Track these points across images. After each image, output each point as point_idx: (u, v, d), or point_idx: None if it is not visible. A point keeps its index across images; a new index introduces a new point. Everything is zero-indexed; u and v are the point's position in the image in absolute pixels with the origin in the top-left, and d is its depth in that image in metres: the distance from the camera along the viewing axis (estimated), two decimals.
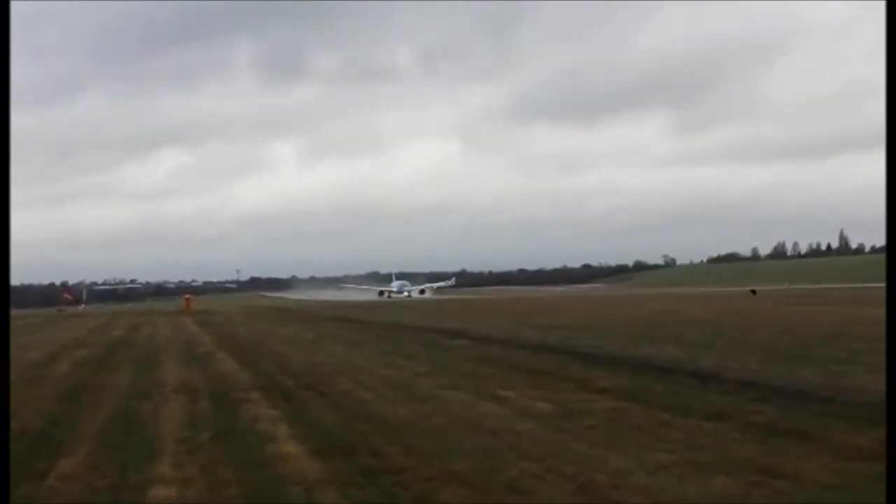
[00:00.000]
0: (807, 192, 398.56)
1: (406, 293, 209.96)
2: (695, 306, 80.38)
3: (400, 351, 41.14)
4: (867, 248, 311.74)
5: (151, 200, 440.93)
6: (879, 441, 16.29)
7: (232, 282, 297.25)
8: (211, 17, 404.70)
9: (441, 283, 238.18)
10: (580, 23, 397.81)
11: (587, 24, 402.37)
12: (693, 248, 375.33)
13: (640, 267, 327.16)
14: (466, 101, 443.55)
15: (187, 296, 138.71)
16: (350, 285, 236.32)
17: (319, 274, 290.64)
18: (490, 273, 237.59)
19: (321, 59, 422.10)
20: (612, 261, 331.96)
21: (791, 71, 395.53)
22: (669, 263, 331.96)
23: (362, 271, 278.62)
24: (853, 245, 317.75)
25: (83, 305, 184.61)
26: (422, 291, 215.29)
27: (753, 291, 47.32)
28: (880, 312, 58.80)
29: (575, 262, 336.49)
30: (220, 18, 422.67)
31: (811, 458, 15.13)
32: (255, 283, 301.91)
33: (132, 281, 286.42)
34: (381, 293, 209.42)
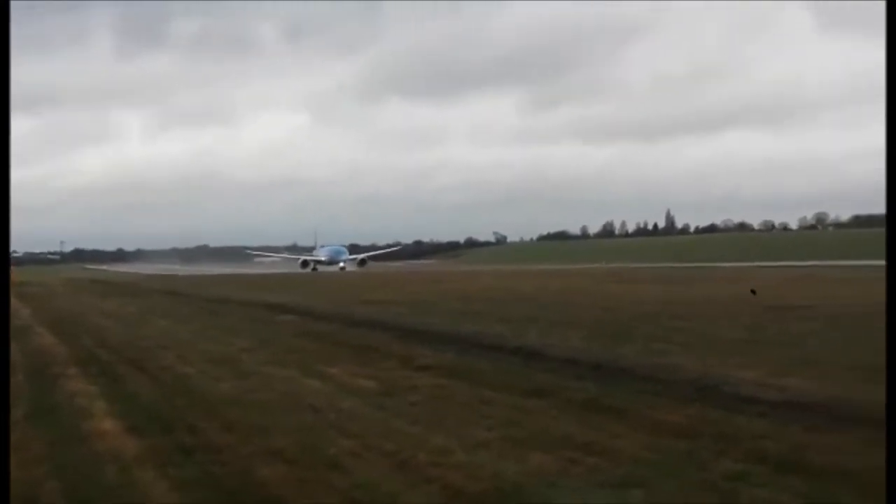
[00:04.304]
0: (639, 173, 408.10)
1: (341, 264, 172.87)
2: (521, 283, 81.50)
3: (225, 326, 40.73)
4: (692, 229, 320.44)
5: None
6: (691, 418, 16.83)
7: (55, 253, 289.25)
8: None
9: (381, 251, 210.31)
10: (442, 1, 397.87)
11: (448, 3, 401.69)
12: (526, 226, 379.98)
13: (471, 243, 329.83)
14: (324, 75, 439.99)
15: None
16: (270, 255, 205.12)
17: (149, 246, 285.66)
18: (323, 247, 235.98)
19: (180, 29, 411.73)
20: (446, 237, 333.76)
21: (642, 53, 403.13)
22: (500, 240, 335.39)
23: (192, 244, 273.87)
24: (679, 225, 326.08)
25: None
26: (362, 262, 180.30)
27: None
28: (697, 292, 60.63)
29: (408, 238, 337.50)
30: None
31: (627, 435, 15.52)
32: (79, 255, 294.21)
33: None
34: (305, 264, 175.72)
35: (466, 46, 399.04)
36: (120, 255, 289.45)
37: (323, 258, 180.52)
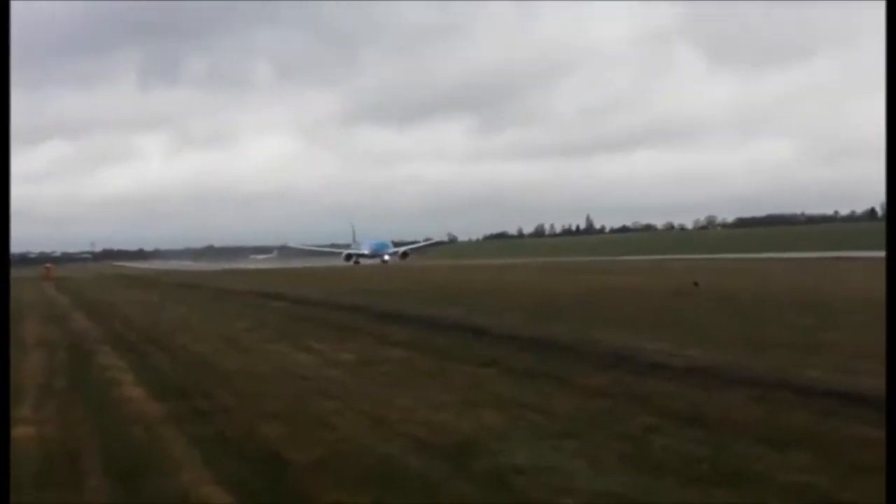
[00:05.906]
0: (565, 184, 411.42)
1: (385, 257, 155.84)
2: (472, 276, 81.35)
3: (232, 311, 40.41)
4: (607, 229, 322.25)
5: (32, 184, 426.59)
6: (611, 381, 16.82)
7: (87, 253, 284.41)
8: (105, 28, 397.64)
9: (415, 245, 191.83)
10: (406, 44, 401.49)
11: (411, 46, 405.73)
12: (473, 227, 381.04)
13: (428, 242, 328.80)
14: (310, 105, 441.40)
15: (48, 265, 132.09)
16: (324, 248, 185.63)
17: (165, 247, 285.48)
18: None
19: (191, 67, 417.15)
20: (408, 237, 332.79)
21: (567, 89, 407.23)
22: (453, 240, 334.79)
23: (200, 245, 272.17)
24: (597, 226, 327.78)
25: None
26: (404, 255, 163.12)
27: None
28: (616, 280, 60.79)
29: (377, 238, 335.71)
30: (112, 29, 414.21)
31: (560, 396, 15.51)
32: (107, 255, 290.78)
33: None
34: (349, 258, 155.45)
35: (425, 82, 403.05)
36: (140, 254, 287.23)
37: (366, 252, 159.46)
